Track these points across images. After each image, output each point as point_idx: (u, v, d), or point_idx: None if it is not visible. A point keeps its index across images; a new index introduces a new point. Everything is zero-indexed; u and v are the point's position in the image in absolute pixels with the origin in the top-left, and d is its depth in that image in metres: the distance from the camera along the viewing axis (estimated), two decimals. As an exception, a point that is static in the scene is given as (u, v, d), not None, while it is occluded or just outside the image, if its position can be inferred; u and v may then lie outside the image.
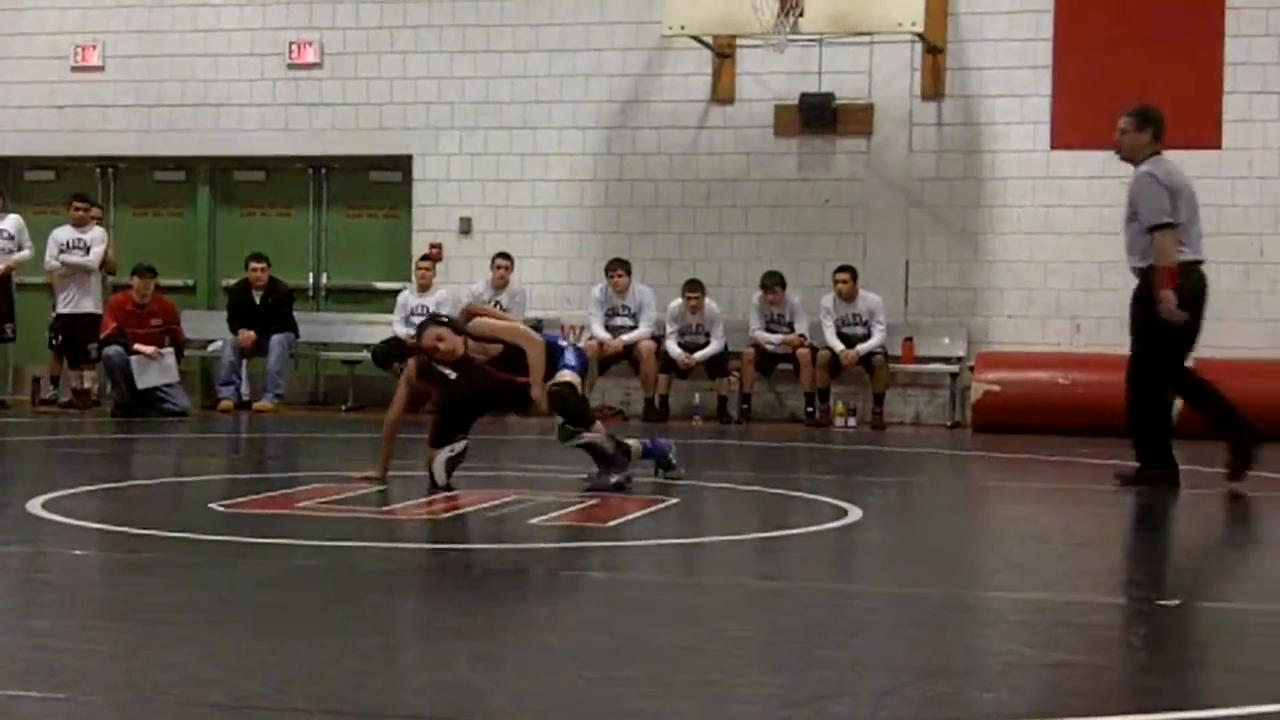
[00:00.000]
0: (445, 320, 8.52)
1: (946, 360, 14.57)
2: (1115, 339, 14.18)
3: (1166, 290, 8.74)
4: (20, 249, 14.74)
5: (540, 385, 8.31)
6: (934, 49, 14.48)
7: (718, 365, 14.34)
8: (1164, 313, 8.78)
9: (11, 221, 14.97)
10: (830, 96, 14.66)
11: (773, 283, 14.27)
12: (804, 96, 14.68)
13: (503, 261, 14.81)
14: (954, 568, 6.45)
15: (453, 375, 8.25)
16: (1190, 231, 8.97)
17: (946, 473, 11.24)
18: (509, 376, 8.29)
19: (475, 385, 8.32)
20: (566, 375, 8.43)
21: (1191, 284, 8.92)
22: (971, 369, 14.11)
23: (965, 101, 14.66)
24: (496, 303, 14.82)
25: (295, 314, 15.08)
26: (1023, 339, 14.42)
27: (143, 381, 13.77)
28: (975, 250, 14.66)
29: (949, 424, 14.39)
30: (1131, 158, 9.16)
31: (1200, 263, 9.06)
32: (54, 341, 14.86)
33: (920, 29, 13.59)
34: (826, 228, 14.86)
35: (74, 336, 14.62)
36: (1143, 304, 8.95)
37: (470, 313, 8.63)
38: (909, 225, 14.77)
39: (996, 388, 13.63)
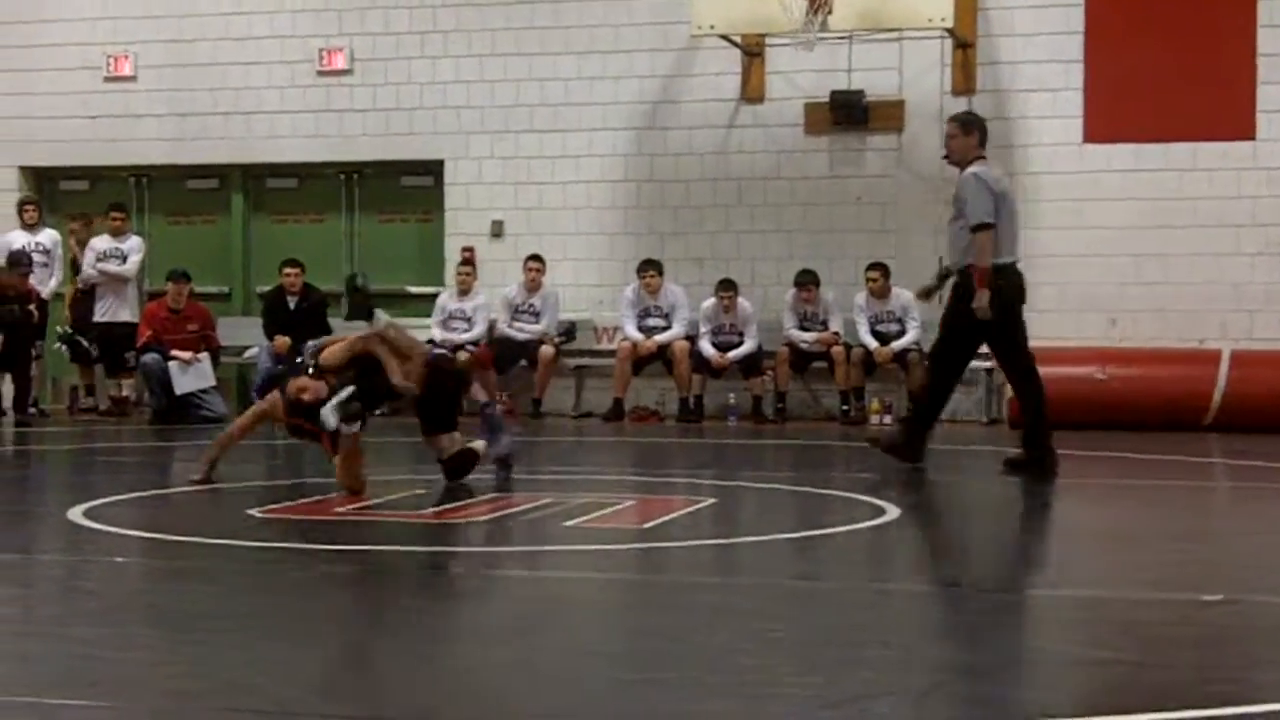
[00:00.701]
0: (309, 368, 8.45)
1: (981, 356, 14.47)
2: (1153, 333, 14.17)
3: (983, 289, 9.27)
4: (54, 268, 14.87)
5: (398, 373, 8.35)
6: (964, 44, 14.42)
7: (752, 364, 14.31)
8: (979, 311, 9.33)
9: (48, 236, 15.07)
10: (860, 94, 14.61)
11: (806, 281, 14.23)
12: (834, 94, 14.63)
13: (534, 264, 14.82)
14: (994, 565, 6.43)
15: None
16: (1008, 234, 9.51)
17: (984, 469, 11.17)
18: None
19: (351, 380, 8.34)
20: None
21: (1011, 284, 9.45)
22: (1007, 365, 14.03)
23: (996, 96, 14.59)
24: (529, 305, 14.86)
25: (330, 319, 15.11)
26: (1058, 334, 14.32)
27: (180, 386, 13.83)
28: (1009, 245, 14.57)
29: (985, 420, 14.33)
30: (959, 162, 9.66)
31: (1016, 263, 9.59)
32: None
33: (950, 24, 13.54)
34: (859, 225, 14.81)
35: (111, 345, 14.69)
36: (958, 300, 9.47)
37: (316, 352, 8.63)
38: (942, 221, 14.64)
39: (1032, 383, 13.53)
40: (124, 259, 14.94)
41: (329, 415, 7.99)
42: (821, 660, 4.37)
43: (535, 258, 14.85)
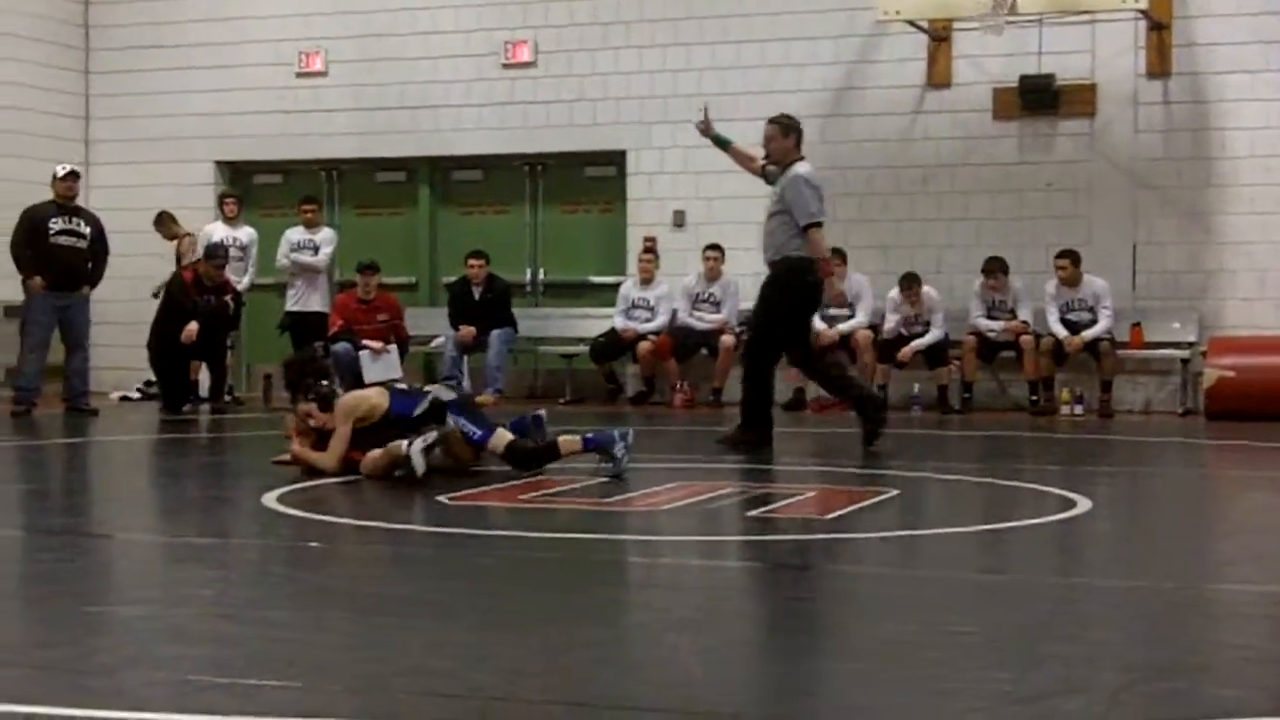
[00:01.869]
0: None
1: (1177, 345, 14.16)
2: (1356, 321, 13.72)
3: (830, 278, 10.33)
4: (248, 265, 15.27)
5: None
6: (1159, 25, 14.08)
7: (938, 354, 14.15)
8: (832, 298, 10.66)
9: (246, 233, 15.50)
10: (1051, 78, 14.35)
11: (994, 268, 14.03)
12: (1023, 78, 14.40)
13: (713, 253, 14.82)
14: (1188, 560, 6.27)
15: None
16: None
17: (1179, 461, 10.92)
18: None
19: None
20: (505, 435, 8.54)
21: (813, 280, 10.23)
22: (1203, 354, 13.71)
23: (1193, 79, 14.23)
24: (709, 294, 14.84)
25: (514, 309, 15.28)
26: (1257, 323, 13.96)
27: (369, 375, 14.07)
28: (1206, 231, 14.23)
29: (1180, 411, 13.99)
30: (779, 162, 10.43)
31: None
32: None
33: (1144, 5, 13.25)
34: (1049, 212, 14.55)
35: (302, 334, 15.02)
36: (775, 290, 10.28)
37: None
38: (1136, 207, 14.40)
39: (1230, 373, 13.20)
40: (316, 250, 15.28)
41: (417, 458, 8.04)
42: (1009, 656, 4.30)
43: (714, 247, 14.85)
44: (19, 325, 13.90)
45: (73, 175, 13.59)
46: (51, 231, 13.39)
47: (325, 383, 8.62)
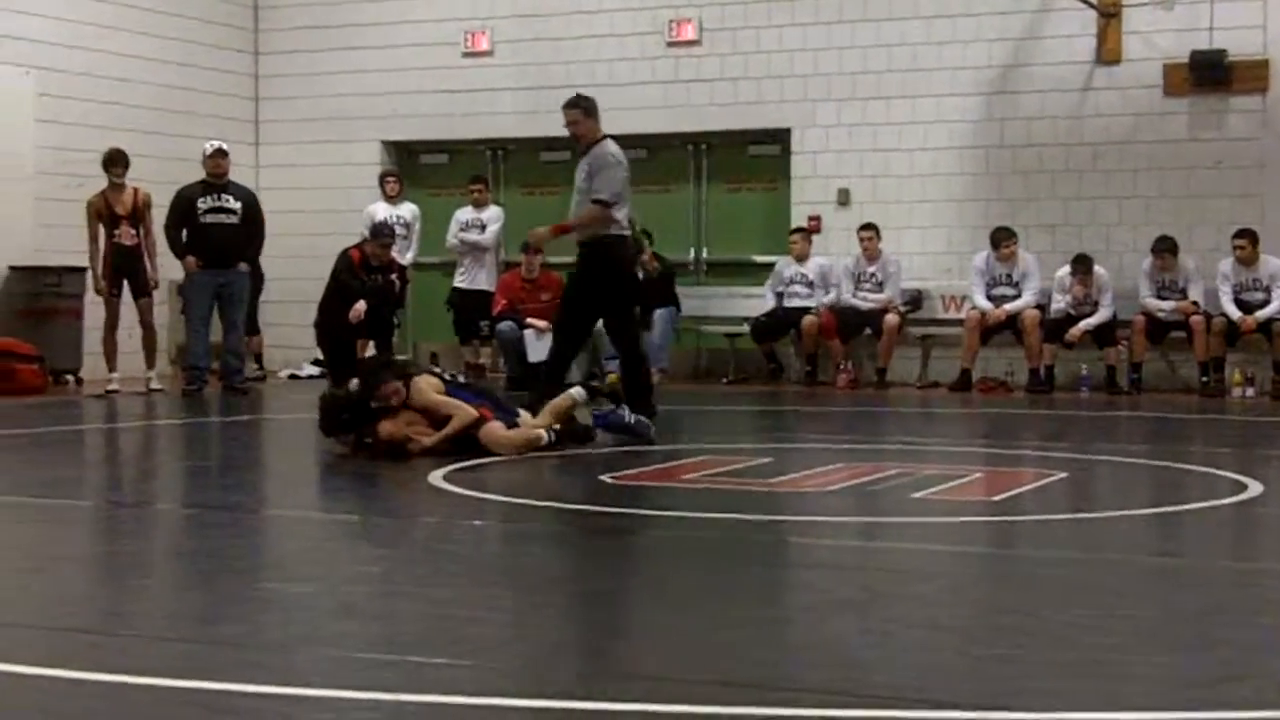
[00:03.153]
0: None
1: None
2: None
3: (550, 231, 10.93)
4: (413, 241, 15.46)
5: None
6: (1337, -2, 13.69)
7: (1106, 334, 13.91)
8: (534, 239, 11.57)
9: (408, 209, 15.69)
10: (1223, 53, 14.01)
11: (1164, 248, 13.75)
12: (1194, 54, 14.08)
13: (866, 233, 14.70)
14: (1367, 547, 6.11)
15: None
16: (626, 209, 10.39)
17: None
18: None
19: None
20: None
21: (627, 255, 10.44)
22: (1382, 334, 13.30)
23: (1370, 53, 13.80)
24: (871, 274, 14.73)
25: (677, 288, 15.30)
26: None
27: (533, 355, 14.20)
28: (1385, 209, 13.80)
29: (1359, 393, 13.59)
30: (589, 141, 10.64)
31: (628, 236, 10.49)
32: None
33: (1320, -22, 12.87)
34: (1220, 190, 14.21)
35: (468, 311, 15.18)
36: (589, 270, 10.22)
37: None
38: (1311, 185, 14.01)
39: None
40: (483, 229, 15.42)
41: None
42: (1180, 640, 4.23)
43: (868, 226, 14.75)
44: (182, 305, 14.24)
45: (220, 153, 13.76)
46: (200, 211, 13.63)
47: (403, 362, 8.90)
